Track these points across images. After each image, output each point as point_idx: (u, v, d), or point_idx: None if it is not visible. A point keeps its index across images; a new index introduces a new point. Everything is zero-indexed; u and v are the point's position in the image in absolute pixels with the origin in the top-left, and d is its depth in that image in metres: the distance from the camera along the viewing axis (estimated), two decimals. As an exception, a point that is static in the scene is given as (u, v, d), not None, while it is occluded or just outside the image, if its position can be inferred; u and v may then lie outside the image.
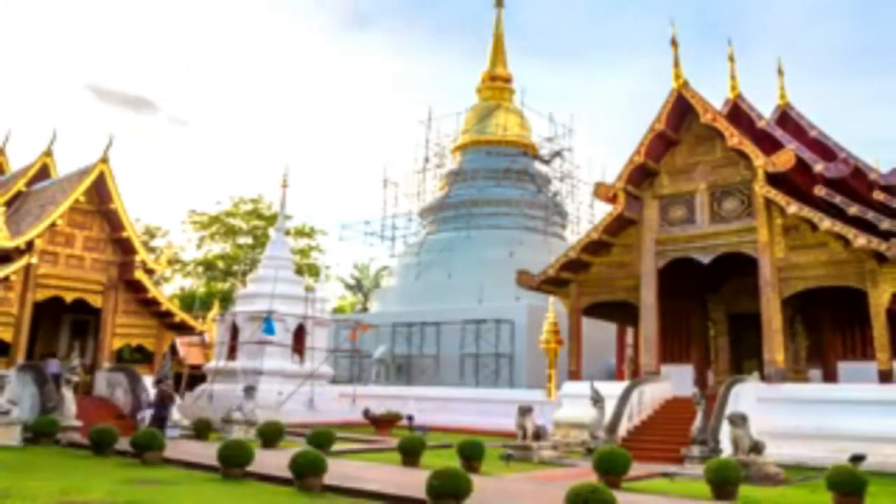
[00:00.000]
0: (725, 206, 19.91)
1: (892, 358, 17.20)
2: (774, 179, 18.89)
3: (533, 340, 28.63)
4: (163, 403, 13.16)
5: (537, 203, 39.43)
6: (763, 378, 18.39)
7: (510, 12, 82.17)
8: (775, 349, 18.30)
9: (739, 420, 13.71)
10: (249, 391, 21.27)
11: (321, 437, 15.64)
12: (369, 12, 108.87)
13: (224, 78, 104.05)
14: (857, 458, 12.34)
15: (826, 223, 17.54)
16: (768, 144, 20.72)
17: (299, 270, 37.89)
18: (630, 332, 25.00)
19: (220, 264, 55.16)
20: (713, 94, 21.76)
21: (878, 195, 20.16)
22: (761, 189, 18.83)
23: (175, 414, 20.45)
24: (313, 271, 52.41)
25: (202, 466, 12.93)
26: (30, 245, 20.46)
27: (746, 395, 17.03)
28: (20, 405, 17.54)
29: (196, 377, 30.57)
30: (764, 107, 23.88)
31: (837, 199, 18.80)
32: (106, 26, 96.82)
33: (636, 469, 13.16)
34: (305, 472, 10.67)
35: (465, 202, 39.24)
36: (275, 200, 52.13)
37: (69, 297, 21.66)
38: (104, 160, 21.92)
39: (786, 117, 24.33)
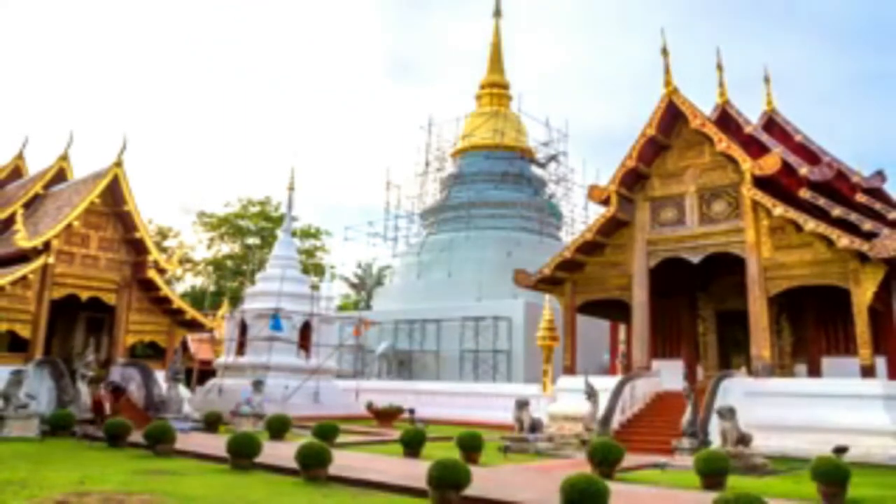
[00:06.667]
0: (714, 208, 20.29)
1: (873, 353, 17.46)
2: (761, 182, 19.26)
3: (530, 337, 29.28)
4: None
5: (534, 205, 39.97)
6: (750, 373, 18.74)
7: (508, 21, 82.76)
8: (762, 345, 18.66)
9: (728, 413, 14.01)
10: (257, 385, 21.66)
11: (326, 430, 15.93)
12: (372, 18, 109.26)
13: (231, 82, 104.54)
14: (841, 450, 12.65)
15: (811, 224, 17.87)
16: (755, 149, 21.07)
17: (305, 270, 38.50)
18: (623, 328, 25.34)
19: (230, 264, 55.83)
20: (703, 100, 22.26)
21: (861, 197, 20.58)
22: (748, 191, 19.19)
23: (186, 407, 21.07)
24: (319, 270, 52.99)
25: (212, 458, 13.22)
26: (47, 245, 21.01)
27: (734, 390, 17.39)
28: (38, 399, 18.06)
29: (206, 372, 31.11)
30: (751, 112, 24.32)
31: (821, 202, 19.25)
32: (118, 27, 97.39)
33: (629, 460, 13.39)
34: (311, 463, 10.96)
35: (464, 204, 39.90)
36: (282, 202, 52.79)
37: (84, 296, 22.20)
38: (118, 164, 22.45)
39: (772, 122, 24.71)
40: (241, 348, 28.43)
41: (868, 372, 17.27)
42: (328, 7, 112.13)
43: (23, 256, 21.02)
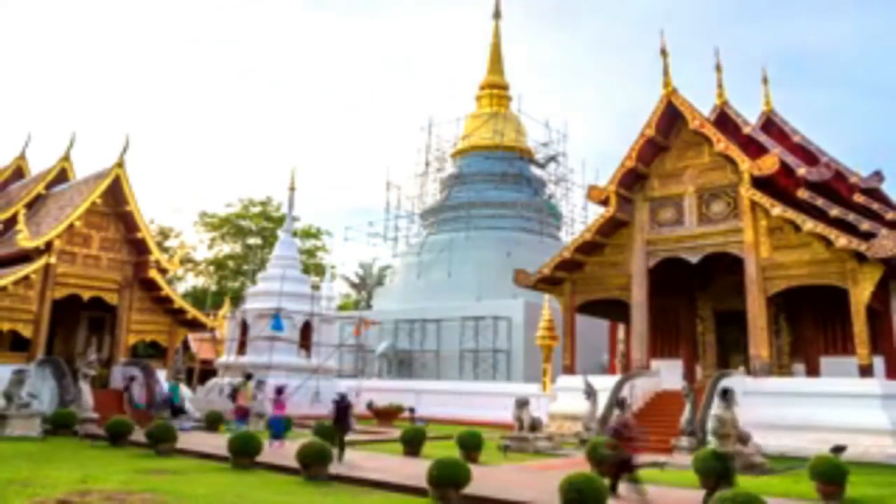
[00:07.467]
0: (713, 208, 20.38)
1: (871, 353, 17.55)
2: (760, 183, 19.35)
3: (529, 336, 29.39)
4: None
5: (533, 205, 40.12)
6: (749, 372, 18.84)
7: (508, 23, 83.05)
8: (760, 345, 18.75)
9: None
10: (259, 385, 21.79)
11: (327, 429, 15.62)
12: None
13: (231, 82, 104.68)
14: (839, 449, 12.54)
15: (809, 224, 17.97)
16: (754, 149, 21.20)
17: (306, 270, 38.65)
18: (622, 328, 25.47)
19: (231, 264, 56.10)
20: (701, 100, 22.36)
21: (859, 198, 20.69)
22: (747, 192, 19.28)
23: (187, 406, 21.15)
24: (319, 270, 53.20)
25: (213, 457, 13.29)
26: (49, 245, 21.07)
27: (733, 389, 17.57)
28: (40, 398, 18.06)
29: (207, 371, 31.27)
30: (749, 113, 24.43)
31: (820, 202, 19.35)
32: (122, 28, 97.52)
33: None
34: (312, 462, 11.03)
35: (464, 204, 40.06)
36: (283, 202, 53.10)
37: (86, 295, 22.25)
38: (120, 164, 22.52)
39: (770, 123, 24.84)
40: (242, 348, 28.52)
41: (866, 371, 17.36)
42: (328, 7, 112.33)
43: (25, 256, 21.09)
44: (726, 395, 13.69)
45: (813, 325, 21.72)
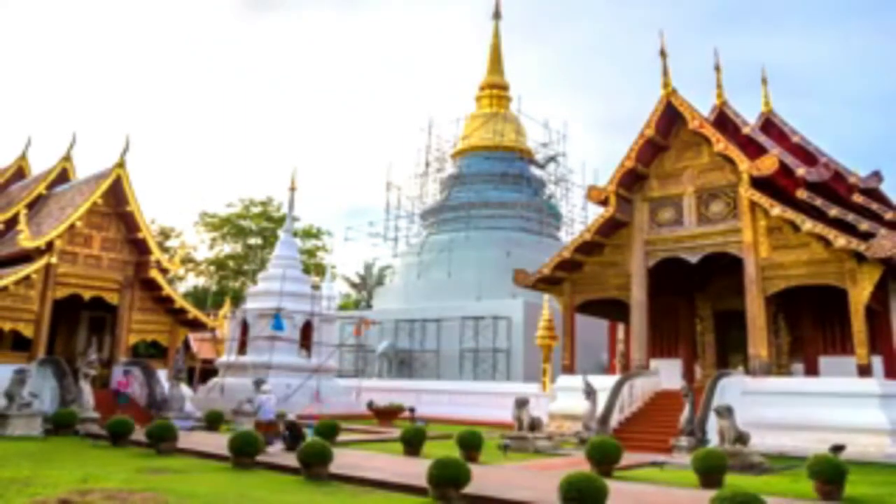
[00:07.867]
0: (712, 209, 20.41)
1: (870, 353, 17.54)
2: (759, 183, 19.35)
3: (529, 336, 29.44)
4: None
5: (533, 205, 40.21)
6: (748, 372, 18.86)
7: (507, 23, 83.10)
8: (759, 344, 18.75)
9: (725, 412, 14.12)
10: (259, 384, 21.84)
11: (327, 428, 16.04)
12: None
13: (231, 82, 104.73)
14: (838, 448, 12.59)
15: (808, 224, 17.96)
16: (753, 149, 21.20)
17: (306, 269, 38.68)
18: (621, 328, 25.47)
19: (231, 264, 56.22)
20: (700, 100, 22.36)
21: (858, 198, 20.67)
22: (746, 192, 19.29)
23: (188, 406, 21.18)
24: (320, 270, 53.29)
25: (214, 456, 13.31)
26: (50, 245, 21.14)
27: (732, 388, 17.53)
28: (41, 398, 18.14)
29: (208, 371, 31.26)
30: (748, 113, 24.41)
31: (819, 202, 19.36)
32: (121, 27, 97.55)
33: (627, 458, 13.55)
34: (312, 462, 11.04)
35: (464, 205, 40.15)
36: (283, 202, 53.22)
37: (87, 295, 22.32)
38: (120, 164, 22.60)
39: (769, 123, 24.80)
40: (242, 347, 28.53)
41: (865, 371, 17.36)
42: (328, 6, 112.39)
43: (26, 256, 21.16)
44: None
45: (812, 325, 21.71)
